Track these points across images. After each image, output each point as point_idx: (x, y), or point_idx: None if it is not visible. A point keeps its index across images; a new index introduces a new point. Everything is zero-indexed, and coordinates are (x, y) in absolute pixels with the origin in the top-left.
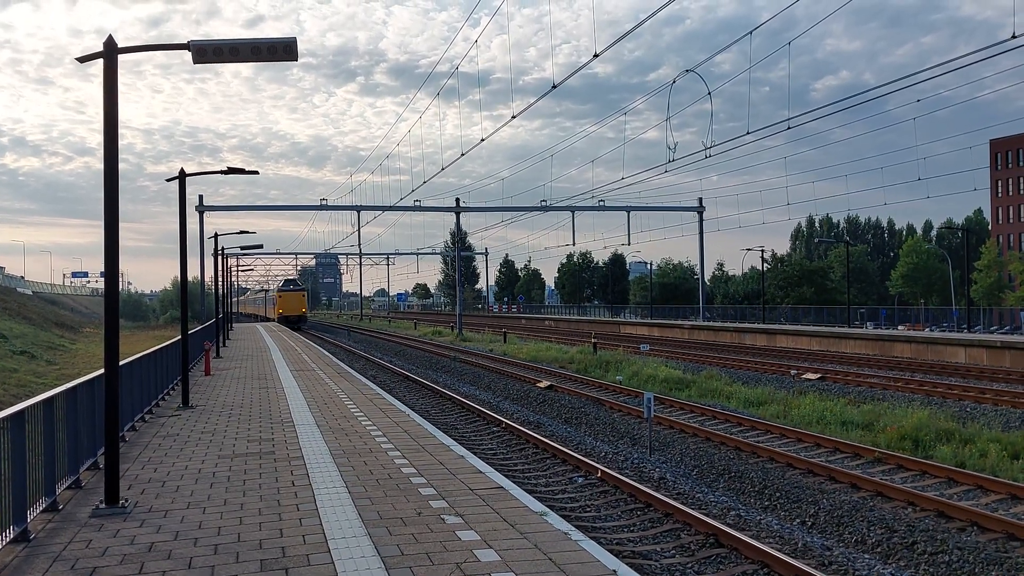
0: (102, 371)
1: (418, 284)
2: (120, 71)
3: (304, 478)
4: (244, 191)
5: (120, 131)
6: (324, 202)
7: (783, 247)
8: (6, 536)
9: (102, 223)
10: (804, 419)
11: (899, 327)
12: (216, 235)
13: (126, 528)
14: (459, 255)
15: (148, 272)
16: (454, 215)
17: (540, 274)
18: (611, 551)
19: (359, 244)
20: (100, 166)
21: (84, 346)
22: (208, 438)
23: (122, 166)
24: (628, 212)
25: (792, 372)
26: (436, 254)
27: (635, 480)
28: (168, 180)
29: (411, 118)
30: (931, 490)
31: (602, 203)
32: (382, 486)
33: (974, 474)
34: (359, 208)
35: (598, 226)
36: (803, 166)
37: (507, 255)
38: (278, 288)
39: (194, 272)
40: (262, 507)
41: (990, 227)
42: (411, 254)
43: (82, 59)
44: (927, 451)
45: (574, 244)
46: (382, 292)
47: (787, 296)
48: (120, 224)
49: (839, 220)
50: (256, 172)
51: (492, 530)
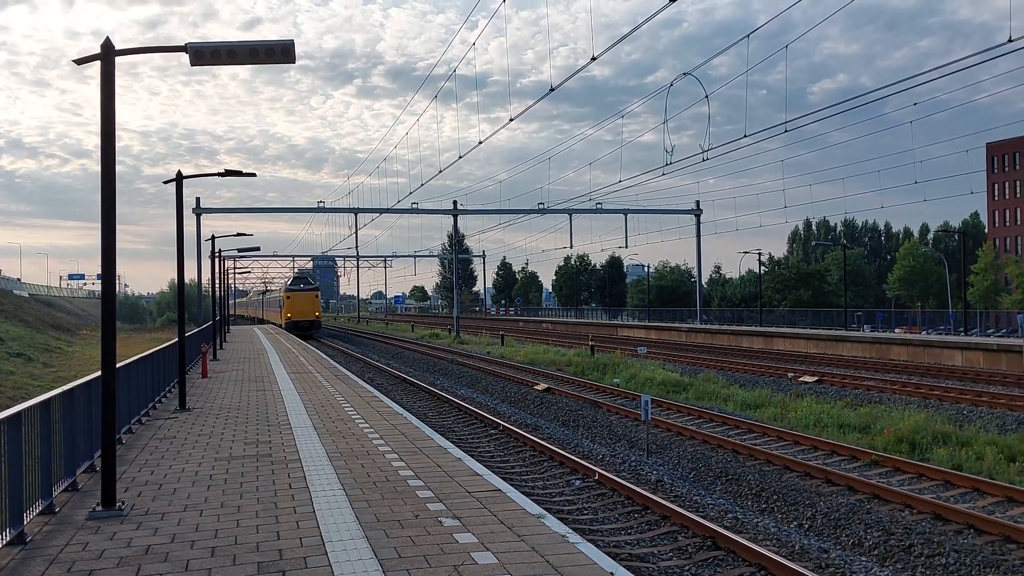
0: (99, 373)
1: (415, 287)
2: (117, 73)
3: (301, 481)
4: (241, 193)
5: (117, 133)
6: (321, 204)
7: (780, 250)
8: (3, 539)
9: (99, 225)
10: (801, 422)
11: (896, 330)
12: (213, 237)
13: (123, 531)
14: (456, 257)
15: (145, 274)
16: (452, 217)
17: (538, 277)
18: (608, 553)
19: (356, 246)
20: (97, 168)
21: (81, 348)
22: (205, 440)
23: (119, 168)
24: (626, 215)
25: (789, 375)
26: (434, 256)
27: (633, 482)
28: (165, 182)
29: (409, 121)
30: (928, 492)
31: (600, 206)
32: (379, 489)
33: (971, 477)
34: (356, 210)
35: (596, 229)
36: (800, 169)
37: (504, 258)
38: (285, 287)
39: (191, 274)
40: (259, 510)
41: (987, 230)
42: (408, 257)
43: (79, 61)
44: (924, 454)
45: (572, 247)
46: (379, 295)
47: (784, 299)
48: (117, 226)
49: (836, 223)
50: (253, 174)
51: (489, 532)
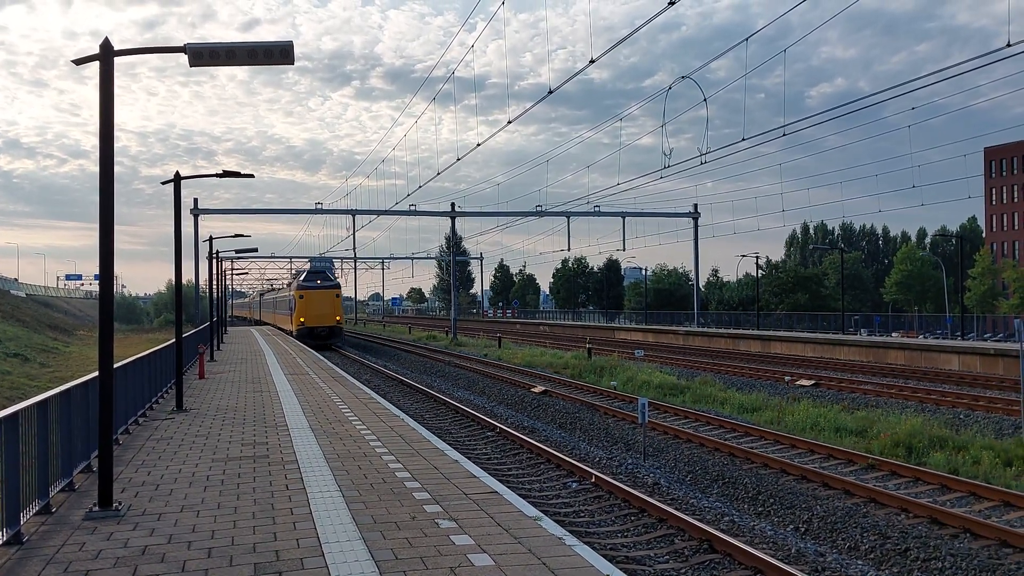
0: (96, 374)
1: (413, 288)
2: (115, 74)
3: (298, 482)
4: (239, 194)
5: (115, 134)
6: (319, 206)
7: (778, 254)
8: (0, 538)
9: (97, 226)
10: (798, 425)
11: (893, 334)
12: (211, 238)
13: (119, 531)
14: (454, 260)
15: (142, 275)
16: (449, 220)
17: (535, 279)
18: (605, 556)
19: (354, 248)
20: (94, 169)
21: (78, 349)
22: (202, 441)
23: (117, 169)
24: (623, 218)
25: (786, 378)
26: (431, 259)
27: (629, 485)
28: (163, 183)
29: (407, 123)
30: (924, 497)
31: (597, 209)
32: (376, 490)
33: (967, 481)
34: (354, 212)
35: (593, 231)
36: (798, 173)
37: (502, 260)
38: (298, 283)
39: (188, 275)
40: (256, 511)
41: (984, 235)
42: (406, 259)
43: (78, 61)
44: (920, 458)
45: (569, 249)
46: (377, 296)
47: (782, 302)
48: (115, 227)
49: (834, 227)
50: (251, 176)
51: (486, 535)
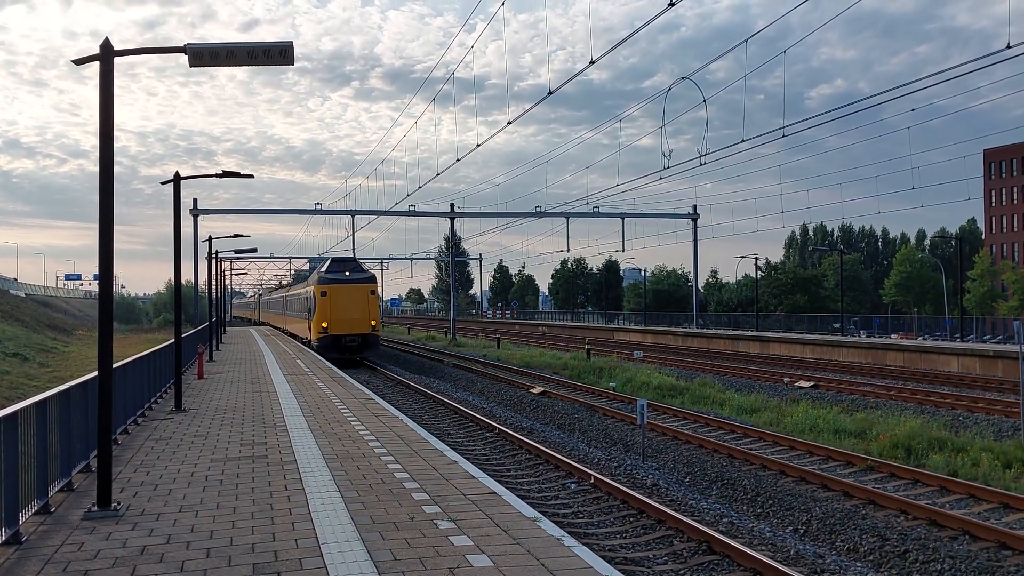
0: (95, 374)
1: (412, 289)
2: (115, 74)
3: (297, 482)
4: (238, 195)
5: (115, 134)
6: (319, 206)
7: (777, 255)
8: None
9: (96, 226)
10: (797, 427)
11: (892, 336)
12: (210, 238)
13: (118, 531)
14: (453, 260)
15: (141, 275)
16: (449, 220)
17: (534, 280)
18: (604, 557)
19: (353, 249)
20: (94, 168)
21: (77, 348)
22: (201, 441)
23: (117, 169)
24: (623, 219)
25: (785, 380)
26: (430, 259)
27: (628, 486)
28: (163, 183)
29: (406, 123)
30: (923, 498)
31: (597, 209)
32: (375, 491)
33: (966, 483)
34: (354, 213)
35: (593, 232)
36: (797, 174)
37: (501, 261)
38: (319, 275)
39: (188, 275)
40: (255, 511)
41: (983, 236)
42: (405, 259)
43: (78, 61)
44: (920, 460)
45: (568, 250)
46: None
47: (781, 304)
48: (114, 227)
49: (833, 228)
50: (251, 176)
51: (485, 535)
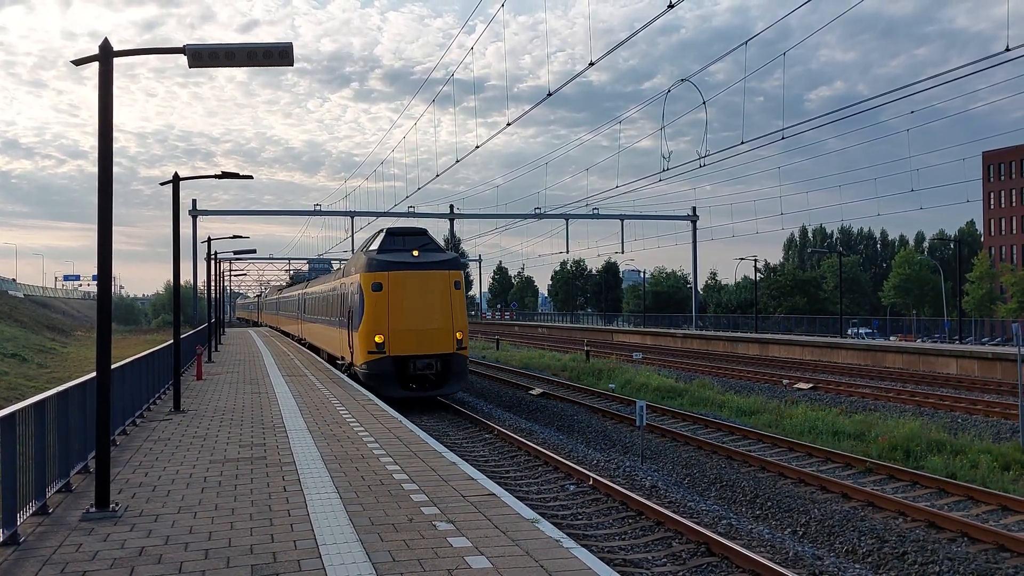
0: (93, 375)
1: None
2: (115, 74)
3: (296, 483)
4: (238, 196)
5: (114, 134)
6: (318, 207)
7: (776, 257)
8: None
9: (95, 226)
10: (796, 429)
11: (891, 338)
12: (209, 239)
13: (116, 532)
14: None
15: (140, 276)
16: (448, 221)
17: (533, 281)
18: (602, 559)
19: (352, 250)
20: (93, 169)
21: (75, 349)
22: (199, 443)
23: (116, 170)
24: (622, 220)
25: (784, 382)
26: None
27: (627, 488)
28: (162, 184)
29: (406, 124)
30: (922, 500)
31: (596, 211)
32: (374, 492)
33: (965, 485)
34: (353, 214)
35: (592, 234)
36: (797, 176)
37: (500, 262)
38: (367, 258)
39: (187, 277)
40: (253, 512)
41: (982, 239)
42: None
43: (77, 62)
44: (918, 461)
45: (568, 252)
46: None
47: (780, 306)
48: (113, 227)
49: (832, 230)
50: (250, 177)
51: (484, 537)
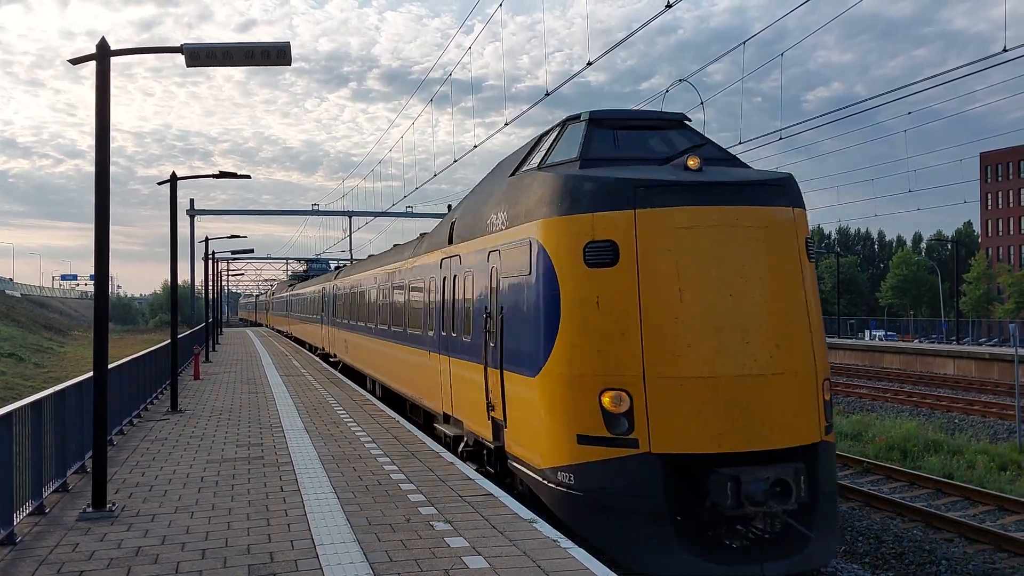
0: (90, 374)
1: None
2: (112, 74)
3: (293, 483)
4: (235, 195)
5: (111, 134)
6: (316, 207)
7: None
8: None
9: (92, 226)
10: None
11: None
12: (207, 239)
13: (113, 532)
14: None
15: (138, 276)
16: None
17: None
18: (600, 559)
19: (350, 250)
20: (90, 169)
21: (72, 349)
22: (197, 442)
23: (113, 169)
24: None
25: None
26: None
27: None
28: (159, 184)
29: (404, 124)
30: (920, 501)
31: None
32: (371, 492)
33: (962, 485)
34: (351, 214)
35: None
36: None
37: None
38: (556, 179)
39: (184, 276)
40: (250, 512)
41: (980, 239)
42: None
43: (75, 61)
44: (916, 462)
45: None
46: None
47: None
48: (110, 227)
49: (830, 231)
50: (248, 176)
51: (481, 537)
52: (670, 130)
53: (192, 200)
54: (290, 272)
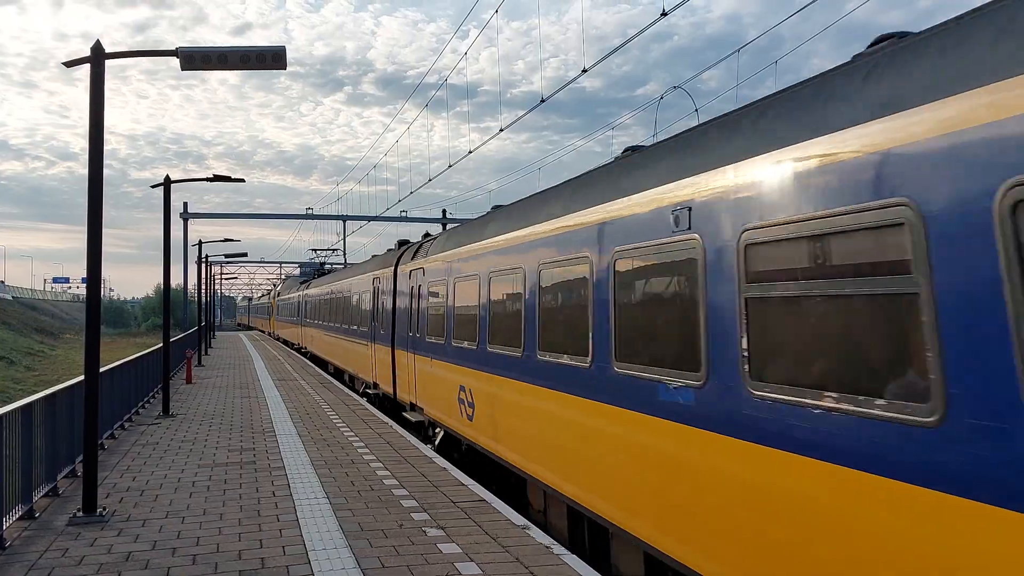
0: (82, 378)
1: None
2: (106, 76)
3: (285, 488)
4: (229, 199)
5: (105, 136)
6: (310, 211)
7: None
8: None
9: (85, 228)
10: None
11: None
12: (200, 242)
13: (103, 537)
14: None
15: (130, 279)
16: (440, 226)
17: None
18: (592, 565)
19: (344, 254)
20: (83, 171)
21: (64, 352)
22: (188, 447)
23: (106, 172)
24: None
25: None
26: None
27: None
28: (153, 187)
29: (398, 128)
30: None
31: None
32: (363, 498)
33: None
34: (345, 218)
35: None
36: None
37: None
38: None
39: (177, 279)
40: (242, 517)
41: None
42: None
43: (69, 64)
44: None
45: None
46: None
47: None
48: (103, 230)
49: None
50: (242, 180)
51: (474, 543)
52: None
53: (186, 203)
54: (284, 276)
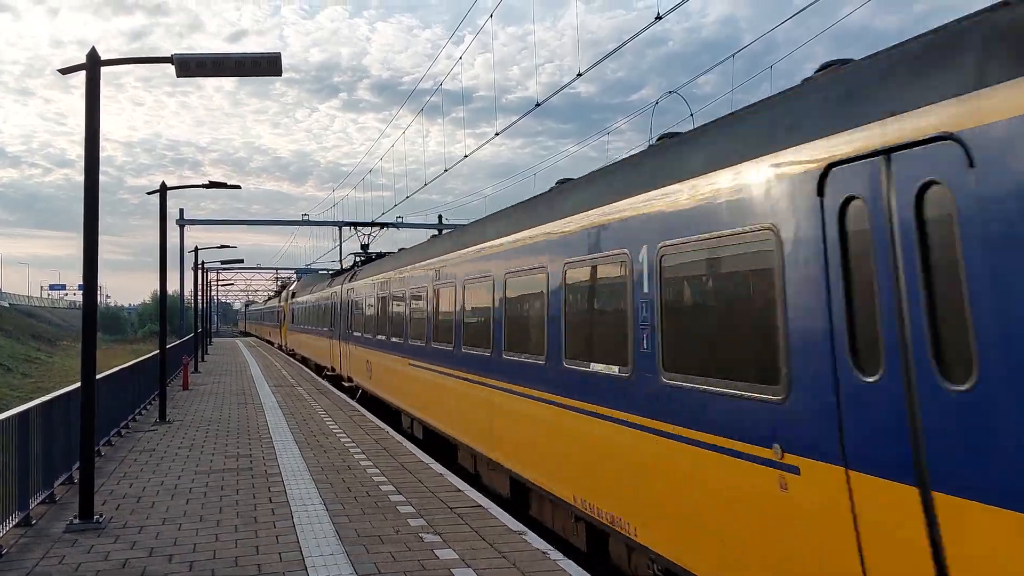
0: (78, 385)
1: None
2: (102, 83)
3: (282, 495)
4: (225, 205)
5: (101, 143)
6: (306, 217)
7: None
8: None
9: (81, 235)
10: None
11: None
12: (196, 249)
13: (100, 544)
14: None
15: (127, 286)
16: (436, 232)
17: None
18: (589, 571)
19: (340, 260)
20: (79, 178)
21: (61, 359)
22: (185, 453)
23: (102, 179)
24: None
25: None
26: None
27: None
28: (149, 193)
29: (394, 134)
30: None
31: None
32: (360, 504)
33: None
34: (341, 224)
35: None
36: None
37: None
38: None
39: (173, 286)
40: (239, 524)
41: None
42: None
43: (64, 71)
44: None
45: None
46: None
47: None
48: (99, 237)
49: None
50: (238, 186)
51: (471, 549)
52: None
53: (182, 210)
54: (280, 282)
